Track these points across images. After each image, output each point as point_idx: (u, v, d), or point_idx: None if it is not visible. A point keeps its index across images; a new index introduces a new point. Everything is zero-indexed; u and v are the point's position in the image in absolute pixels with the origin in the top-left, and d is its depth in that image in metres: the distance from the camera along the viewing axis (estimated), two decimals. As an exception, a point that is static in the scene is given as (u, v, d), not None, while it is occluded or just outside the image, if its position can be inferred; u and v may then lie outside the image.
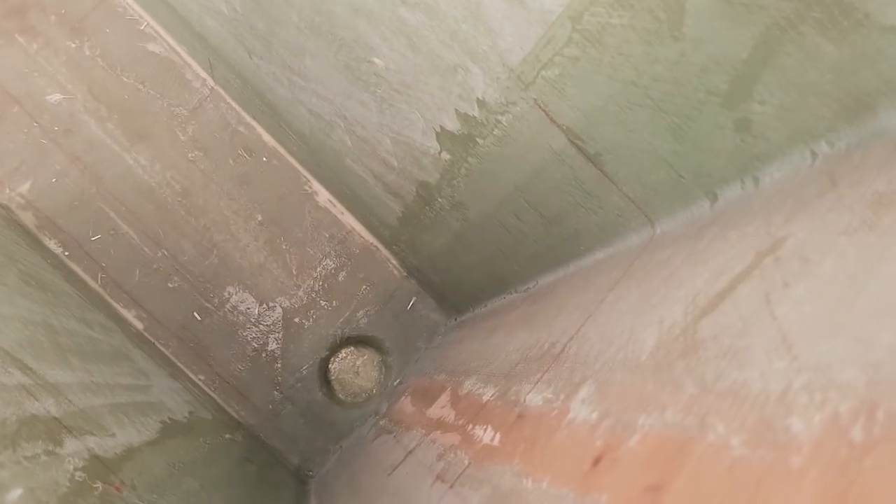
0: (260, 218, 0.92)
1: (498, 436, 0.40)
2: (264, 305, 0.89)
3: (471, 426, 0.47)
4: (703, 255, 0.36)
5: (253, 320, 0.88)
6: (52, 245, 0.83)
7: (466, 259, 0.76)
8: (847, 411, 0.17)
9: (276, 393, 0.87)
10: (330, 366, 0.92)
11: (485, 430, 0.43)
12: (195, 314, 0.86)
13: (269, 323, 0.89)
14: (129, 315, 0.83)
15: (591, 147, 0.44)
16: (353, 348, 0.93)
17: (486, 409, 0.47)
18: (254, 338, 0.88)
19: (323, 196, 0.95)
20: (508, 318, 0.66)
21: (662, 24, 0.33)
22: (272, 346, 0.89)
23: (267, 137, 0.95)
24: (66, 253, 0.83)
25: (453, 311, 0.93)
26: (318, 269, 0.92)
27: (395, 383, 0.92)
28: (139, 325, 0.83)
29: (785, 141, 0.33)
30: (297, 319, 0.90)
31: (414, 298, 0.95)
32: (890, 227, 0.23)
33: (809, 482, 0.17)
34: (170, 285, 0.86)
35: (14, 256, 0.62)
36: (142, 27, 0.94)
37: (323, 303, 0.92)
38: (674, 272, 0.37)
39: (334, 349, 0.92)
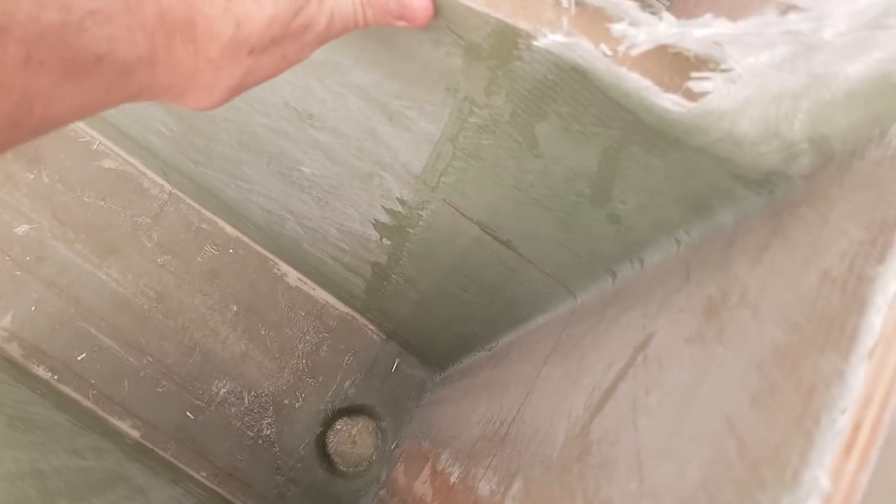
0: (235, 308, 0.95)
1: (456, 526, 0.43)
2: (253, 393, 0.92)
3: (440, 509, 0.49)
4: (604, 339, 0.38)
5: (244, 409, 0.91)
6: (41, 371, 0.87)
7: (431, 323, 0.79)
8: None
9: (278, 477, 0.90)
10: (326, 440, 0.95)
11: (448, 516, 0.46)
12: (188, 413, 0.89)
13: (259, 409, 0.92)
14: (124, 426, 0.86)
15: (501, 235, 0.48)
16: (346, 419, 0.96)
17: (452, 492, 0.50)
18: (248, 426, 0.91)
19: (292, 276, 0.98)
20: (476, 380, 0.69)
21: (522, 146, 0.36)
22: (267, 431, 0.91)
23: (230, 230, 0.98)
24: (55, 377, 0.86)
25: (436, 366, 0.96)
26: (300, 348, 0.95)
27: (392, 447, 0.94)
28: (136, 434, 0.86)
29: (652, 230, 0.36)
30: (286, 401, 0.93)
31: (397, 360, 0.98)
32: (713, 340, 0.26)
33: None
34: (159, 390, 0.89)
35: (1, 401, 0.65)
36: (94, 146, 0.98)
37: (309, 380, 0.94)
38: (585, 354, 0.40)
39: (328, 423, 0.95)
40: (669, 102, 0.27)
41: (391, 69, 0.38)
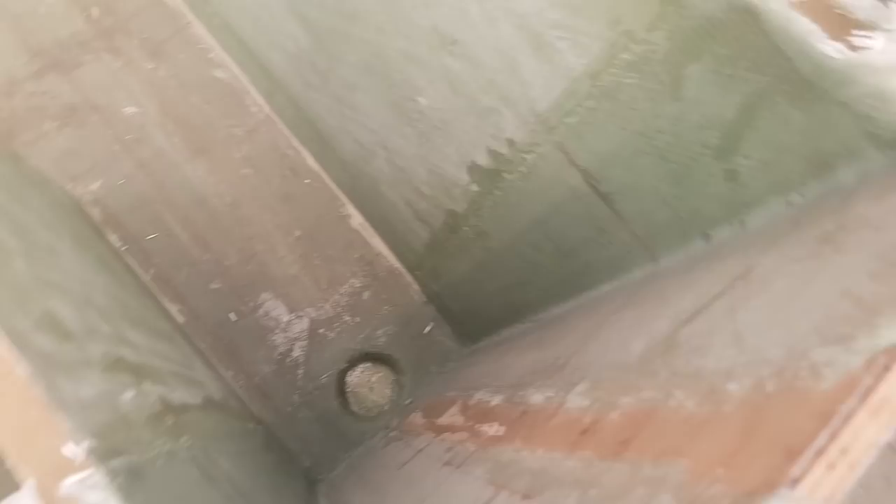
0: (298, 234, 1.00)
1: (503, 428, 0.46)
2: (293, 314, 0.96)
3: (478, 425, 0.52)
4: (691, 282, 0.41)
5: (282, 327, 0.95)
6: (114, 239, 0.92)
7: (486, 287, 0.82)
8: (767, 374, 0.23)
9: (295, 397, 0.93)
10: (347, 378, 0.98)
11: (491, 426, 0.49)
12: (231, 315, 0.93)
13: (296, 331, 0.95)
14: (173, 309, 0.90)
15: (604, 187, 0.51)
16: (370, 364, 0.99)
17: (493, 412, 0.52)
18: (281, 343, 0.94)
19: (356, 219, 1.02)
20: (519, 343, 0.72)
21: (665, 87, 0.40)
22: (297, 352, 0.95)
23: (311, 162, 1.03)
24: (125, 247, 0.91)
25: (468, 339, 0.99)
26: (346, 286, 0.99)
27: (406, 402, 0.97)
28: (181, 319, 0.90)
29: (766, 191, 0.39)
30: (321, 330, 0.97)
31: (431, 324, 1.01)
32: (828, 255, 0.29)
33: (735, 420, 0.22)
34: (212, 286, 0.93)
35: (89, 244, 0.69)
36: (211, 55, 1.05)
37: (346, 318, 0.98)
38: (666, 297, 0.43)
39: (353, 363, 0.98)
40: (832, 49, 0.31)
41: (563, -3, 0.42)
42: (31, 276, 0.37)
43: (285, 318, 0.96)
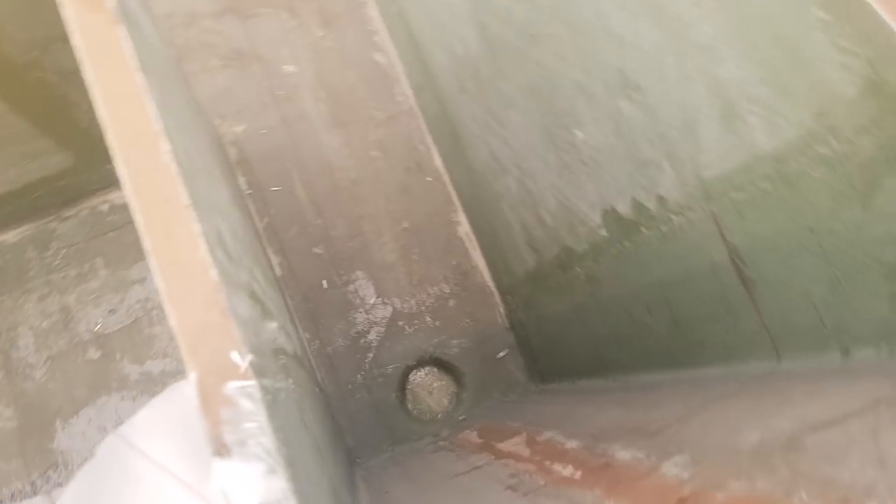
0: (406, 225, 1.02)
1: (579, 472, 0.45)
2: (380, 299, 0.98)
3: (548, 462, 0.51)
4: (821, 392, 0.40)
5: (366, 307, 0.97)
6: (241, 181, 0.97)
7: (577, 333, 0.81)
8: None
9: (359, 377, 0.95)
10: (410, 376, 0.99)
11: (564, 466, 0.48)
12: (323, 282, 0.96)
13: (378, 316, 0.97)
14: (275, 261, 0.94)
15: (749, 271, 0.50)
16: (436, 370, 1.00)
17: (567, 454, 0.52)
18: (360, 322, 0.96)
19: (464, 228, 1.03)
20: (601, 398, 0.70)
21: (855, 191, 0.38)
22: (372, 336, 0.97)
23: (438, 162, 1.06)
24: (249, 192, 0.96)
25: (538, 377, 0.98)
26: (435, 289, 1.00)
27: (460, 418, 0.97)
28: (279, 272, 0.94)
29: (935, 324, 0.37)
30: (401, 322, 0.98)
31: (507, 351, 1.00)
32: None
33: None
34: (314, 250, 0.97)
35: (228, 180, 0.74)
36: (376, 38, 1.09)
37: (428, 318, 0.99)
38: (790, 399, 0.41)
39: (420, 363, 0.99)
40: None
41: (768, 73, 0.41)
42: (207, 193, 0.40)
43: (371, 301, 0.98)
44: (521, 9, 0.66)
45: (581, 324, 0.79)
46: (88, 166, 1.01)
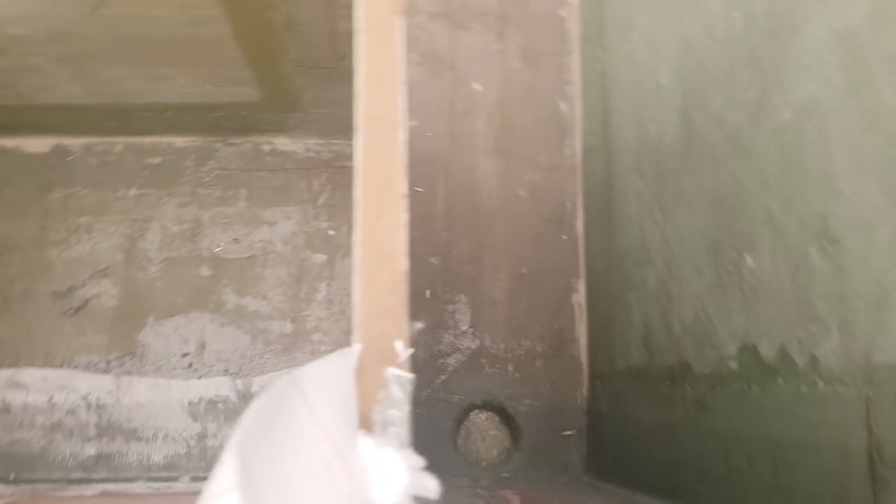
0: (524, 271, 1.02)
1: None
2: (472, 329, 0.98)
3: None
4: None
5: (456, 332, 0.97)
6: (396, 171, 1.00)
7: (660, 448, 0.77)
8: None
9: (424, 393, 0.95)
10: (471, 414, 0.98)
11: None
12: (427, 291, 0.97)
13: (463, 344, 0.97)
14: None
15: (884, 471, 0.45)
16: (497, 419, 0.98)
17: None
18: (445, 344, 0.97)
19: (579, 298, 1.02)
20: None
21: None
22: (451, 360, 0.97)
23: (579, 225, 1.05)
24: (399, 184, 1.00)
25: (595, 472, 0.94)
26: (528, 343, 0.99)
27: (503, 474, 0.94)
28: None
29: None
30: (483, 360, 0.98)
31: (574, 431, 0.97)
32: None
33: None
34: (431, 259, 0.99)
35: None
36: (567, 87, 1.11)
37: (510, 368, 0.98)
38: None
39: (485, 407, 0.98)
40: None
41: None
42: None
43: (463, 328, 0.98)
44: (737, 118, 0.65)
45: (668, 442, 0.75)
46: (271, 108, 1.09)
